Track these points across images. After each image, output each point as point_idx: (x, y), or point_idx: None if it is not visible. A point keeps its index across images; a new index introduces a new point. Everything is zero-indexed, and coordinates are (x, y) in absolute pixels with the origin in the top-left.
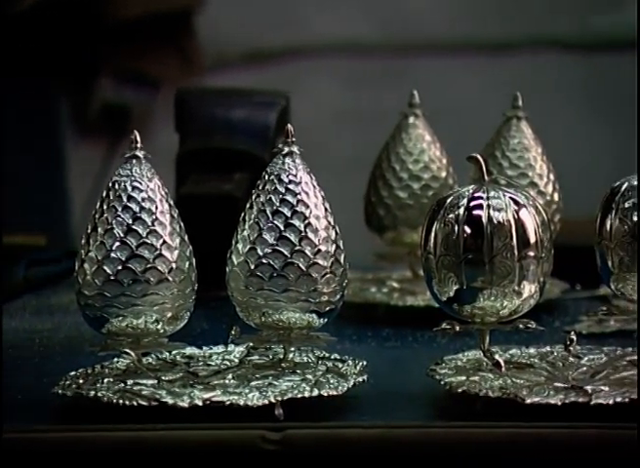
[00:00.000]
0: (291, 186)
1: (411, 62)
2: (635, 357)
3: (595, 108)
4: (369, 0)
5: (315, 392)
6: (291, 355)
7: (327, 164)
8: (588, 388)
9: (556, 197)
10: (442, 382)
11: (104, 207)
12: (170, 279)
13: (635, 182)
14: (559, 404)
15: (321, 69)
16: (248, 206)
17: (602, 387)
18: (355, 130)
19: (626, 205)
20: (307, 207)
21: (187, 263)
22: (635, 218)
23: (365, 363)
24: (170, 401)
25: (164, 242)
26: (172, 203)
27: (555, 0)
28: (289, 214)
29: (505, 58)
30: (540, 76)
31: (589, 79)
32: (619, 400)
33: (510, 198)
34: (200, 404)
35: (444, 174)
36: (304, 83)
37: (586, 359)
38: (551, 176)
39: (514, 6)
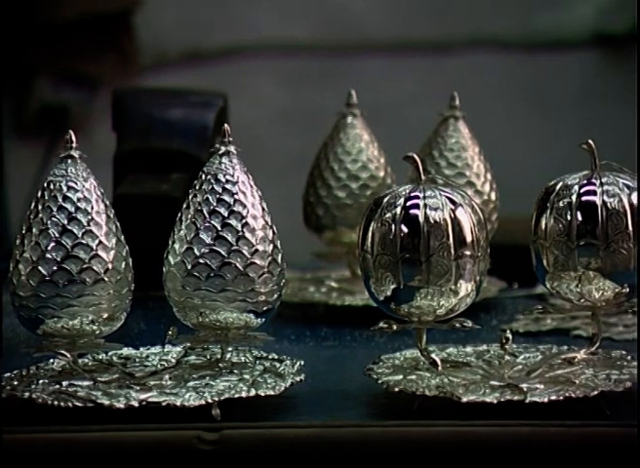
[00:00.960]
0: (228, 186)
1: (350, 62)
2: (571, 355)
3: (534, 108)
4: (308, 0)
5: (252, 392)
6: (228, 355)
7: (266, 164)
8: (524, 386)
9: (493, 196)
10: (379, 381)
11: (39, 207)
12: (106, 279)
13: (569, 182)
14: (495, 402)
15: (260, 69)
16: (185, 206)
17: (537, 385)
18: (294, 129)
19: (561, 204)
20: (244, 206)
21: (124, 264)
22: (569, 217)
23: (303, 362)
24: (106, 402)
25: (100, 242)
26: (108, 203)
27: None
28: (226, 214)
29: (445, 57)
30: (479, 76)
31: (529, 78)
32: (553, 398)
33: (447, 197)
34: (136, 405)
35: (382, 173)
36: (244, 83)
37: (522, 357)
38: (488, 176)
39: (454, 5)
